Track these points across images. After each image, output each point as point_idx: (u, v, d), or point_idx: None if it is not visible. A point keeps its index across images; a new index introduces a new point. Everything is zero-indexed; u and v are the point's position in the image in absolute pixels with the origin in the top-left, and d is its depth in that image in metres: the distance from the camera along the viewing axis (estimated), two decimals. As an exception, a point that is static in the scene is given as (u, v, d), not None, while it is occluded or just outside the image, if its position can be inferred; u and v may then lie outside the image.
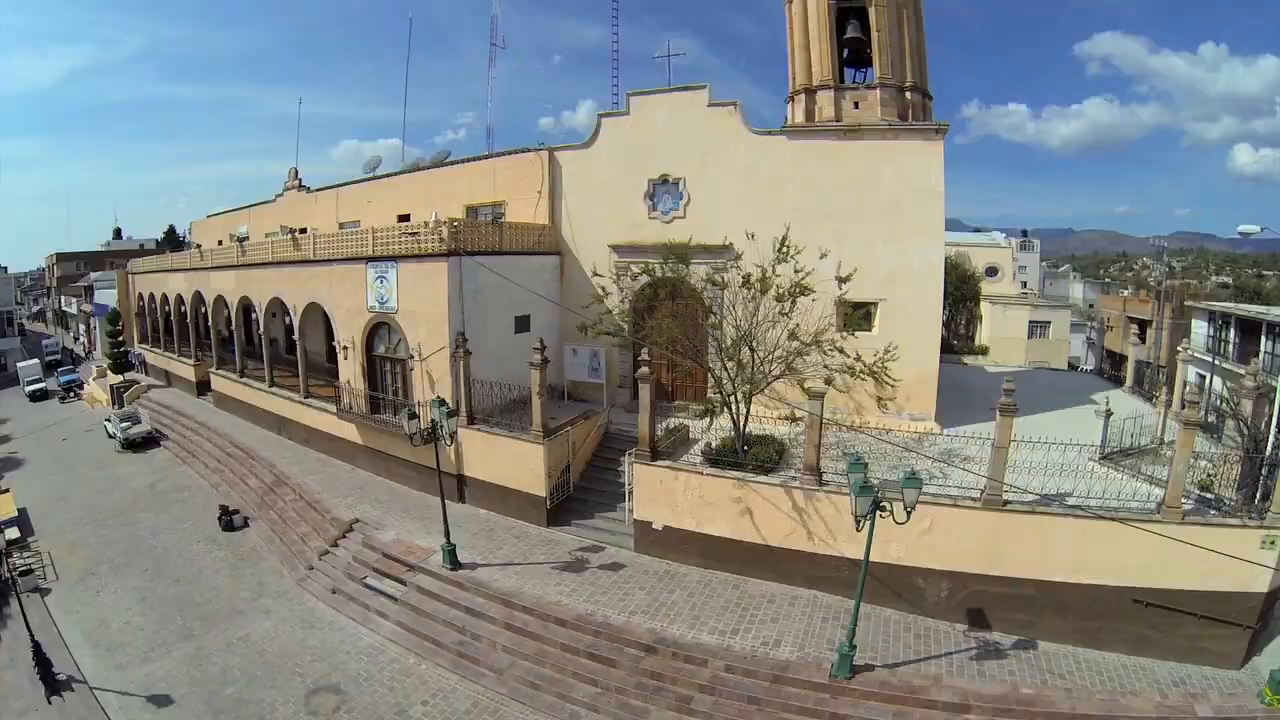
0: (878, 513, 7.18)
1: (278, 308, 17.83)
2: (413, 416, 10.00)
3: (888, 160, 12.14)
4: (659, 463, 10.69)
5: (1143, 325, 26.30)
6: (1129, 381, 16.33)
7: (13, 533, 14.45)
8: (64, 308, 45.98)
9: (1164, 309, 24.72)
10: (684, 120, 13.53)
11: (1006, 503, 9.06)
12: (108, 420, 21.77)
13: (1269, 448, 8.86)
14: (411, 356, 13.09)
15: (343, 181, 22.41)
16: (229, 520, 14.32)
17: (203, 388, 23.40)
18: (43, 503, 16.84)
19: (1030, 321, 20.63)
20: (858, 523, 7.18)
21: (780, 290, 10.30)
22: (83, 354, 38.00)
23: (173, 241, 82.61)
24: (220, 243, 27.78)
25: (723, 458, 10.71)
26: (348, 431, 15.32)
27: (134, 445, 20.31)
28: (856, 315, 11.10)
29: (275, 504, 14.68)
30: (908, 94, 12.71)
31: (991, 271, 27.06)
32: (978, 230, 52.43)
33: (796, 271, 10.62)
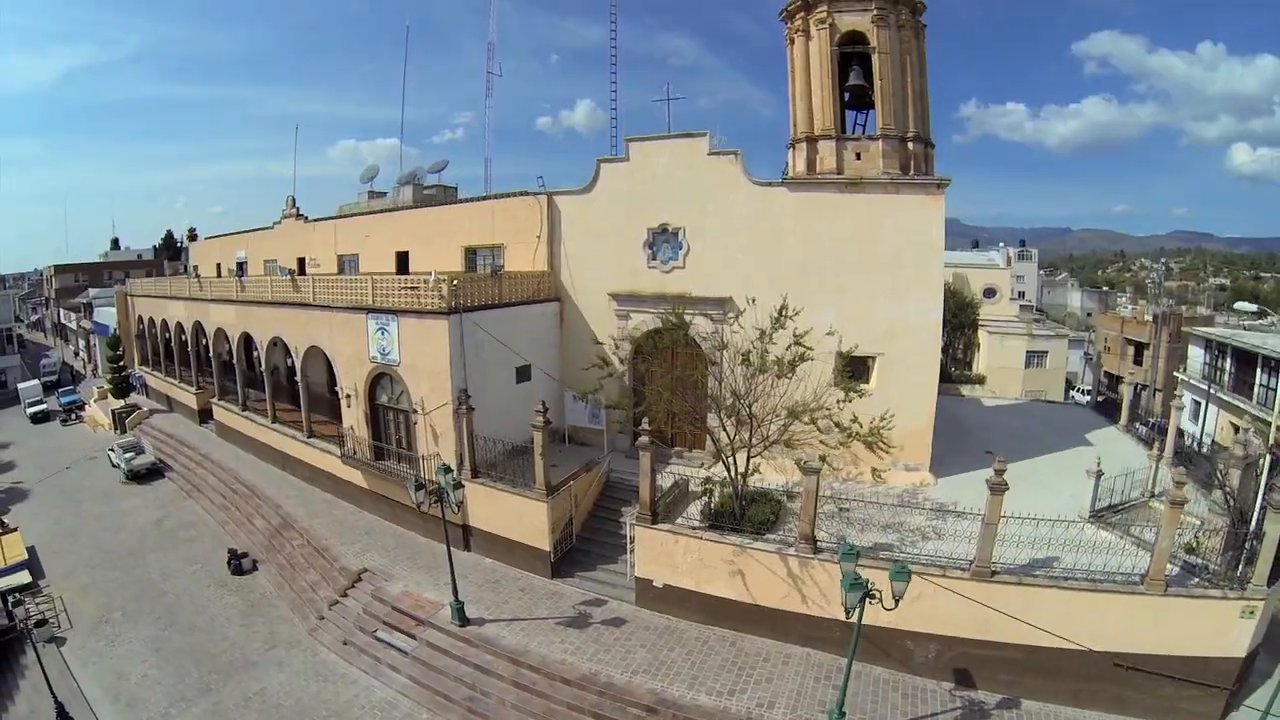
0: (867, 600, 7.52)
1: (279, 345, 18.03)
2: (419, 487, 10.31)
3: (889, 214, 12.33)
4: (659, 526, 11.05)
5: (1139, 348, 26.61)
6: (1124, 420, 16.60)
7: (23, 576, 14.80)
8: (63, 321, 46.03)
9: (1161, 332, 24.98)
10: (684, 168, 13.66)
11: (994, 573, 9.43)
12: (111, 450, 22.07)
13: (1253, 521, 9.16)
14: (415, 410, 13.36)
15: (340, 214, 22.53)
16: (238, 564, 14.70)
17: (204, 415, 23.73)
18: (50, 540, 17.21)
19: (1028, 351, 20.87)
20: (847, 612, 7.53)
21: (779, 361, 10.54)
22: (83, 371, 38.18)
23: (170, 249, 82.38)
24: (219, 267, 27.95)
25: (721, 518, 11.05)
26: (352, 475, 15.65)
27: (138, 476, 20.62)
28: (855, 381, 11.26)
29: (283, 548, 15.06)
30: (910, 144, 12.80)
31: (989, 293, 27.26)
32: (975, 246, 52.43)
33: (795, 335, 10.85)
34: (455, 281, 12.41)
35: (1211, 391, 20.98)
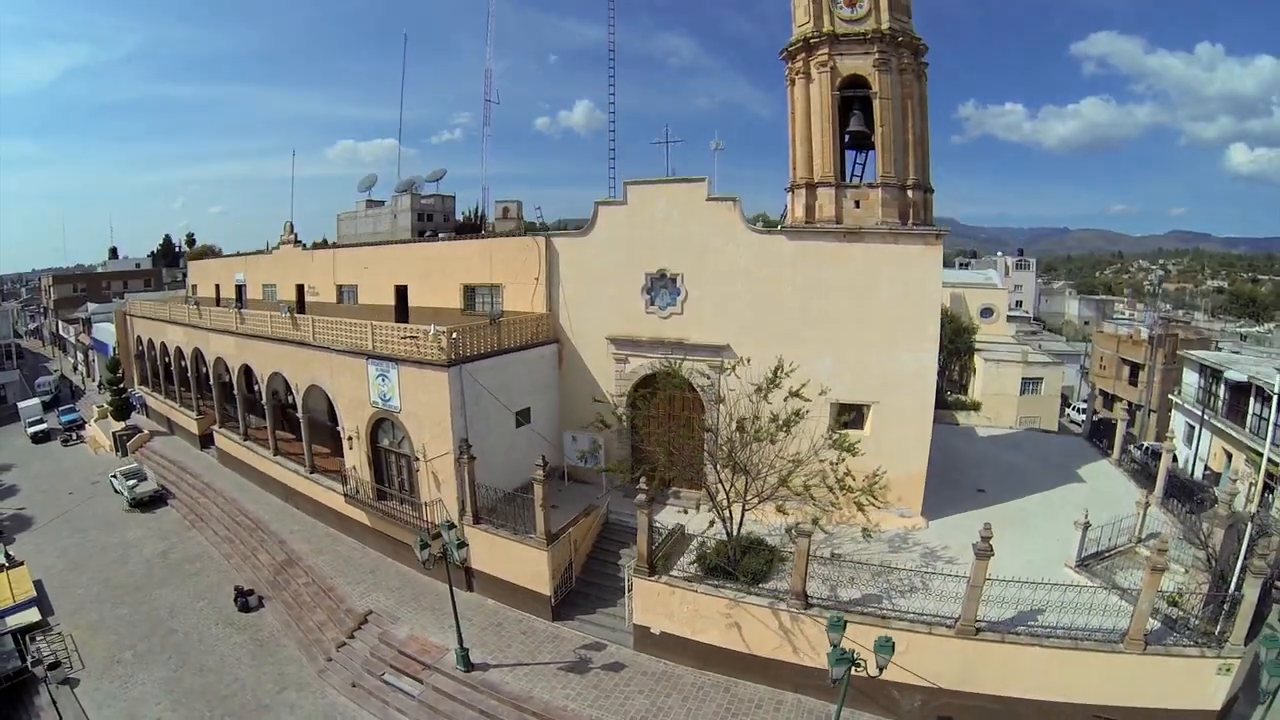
0: (852, 667, 7.88)
1: (279, 380, 18.27)
2: (424, 546, 10.65)
3: (887, 263, 12.58)
4: (656, 578, 11.40)
5: (1135, 368, 26.95)
6: (1115, 453, 16.96)
7: (32, 614, 15.07)
8: (62, 334, 46.12)
9: (1156, 354, 25.31)
10: (682, 213, 13.88)
11: (979, 631, 9.80)
12: (114, 476, 22.35)
13: (1232, 583, 9.50)
14: (417, 458, 13.67)
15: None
16: (244, 601, 15.05)
17: (205, 440, 23.99)
18: (57, 573, 17.54)
19: (1023, 378, 21.22)
20: (833, 682, 7.90)
21: (774, 419, 10.84)
22: (82, 386, 38.36)
23: (168, 255, 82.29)
24: (218, 288, 28.12)
25: (716, 570, 11.41)
26: (356, 512, 15.98)
27: (141, 504, 20.93)
28: (849, 435, 11.52)
29: (289, 585, 15.42)
30: (909, 191, 12.96)
31: (986, 312, 27.58)
32: (974, 257, 52.76)
33: (791, 391, 11.14)
34: (455, 335, 12.65)
35: (1205, 418, 21.32)
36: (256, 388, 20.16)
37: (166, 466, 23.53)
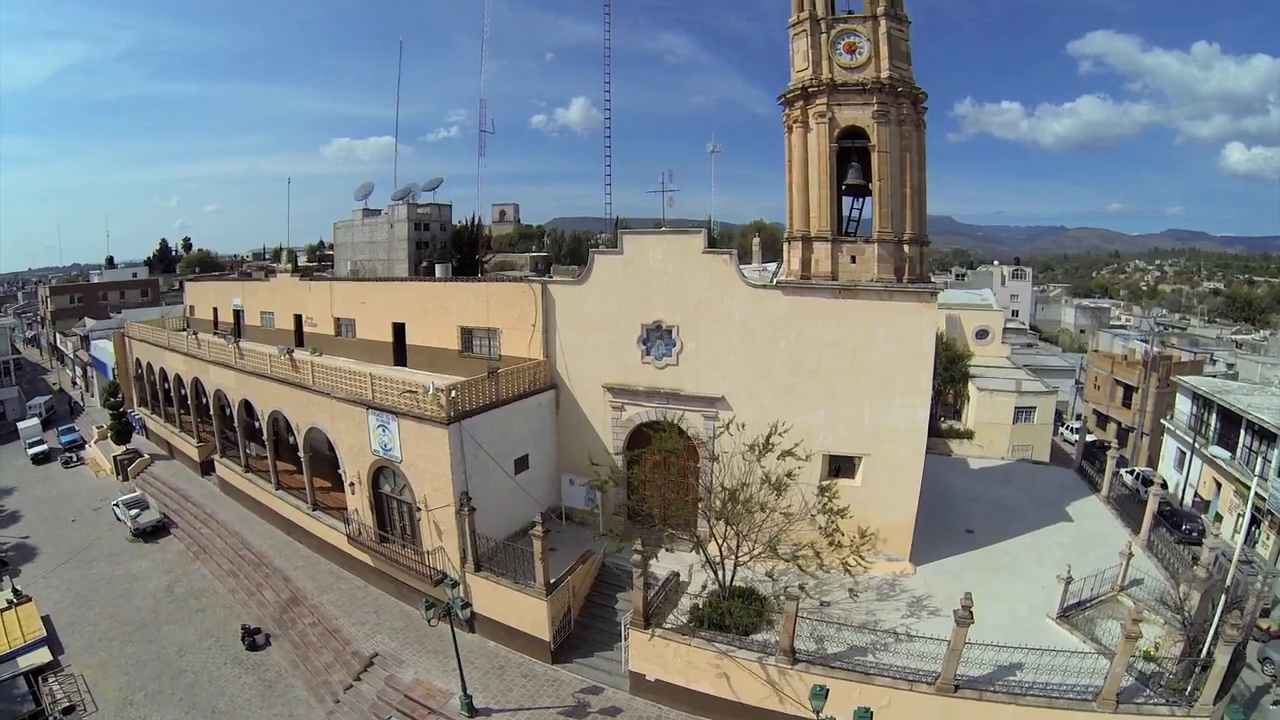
0: None
1: (280, 417, 18.50)
2: (430, 606, 11.05)
3: (881, 320, 12.86)
4: (650, 631, 11.82)
5: (1129, 390, 27.35)
6: (1105, 490, 17.36)
7: (44, 654, 15.40)
8: (60, 346, 46.16)
9: (1150, 378, 25.67)
10: (678, 264, 14.13)
11: (957, 688, 10.24)
12: (116, 505, 22.63)
13: (1205, 648, 9.89)
14: (419, 507, 14.00)
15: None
16: (252, 640, 15.43)
17: (206, 467, 24.27)
18: (64, 609, 17.89)
19: (1016, 407, 21.61)
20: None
21: (766, 479, 11.19)
22: (81, 402, 38.50)
23: (165, 261, 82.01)
24: (215, 312, 28.25)
25: (708, 621, 11.83)
26: (359, 551, 16.32)
27: (144, 534, 21.24)
28: (838, 504, 11.83)
29: (295, 624, 15.81)
30: (906, 247, 13.12)
31: (982, 334, 27.91)
32: (971, 270, 53.01)
33: (783, 452, 11.49)
34: (454, 392, 12.92)
35: (1196, 447, 21.71)
36: (257, 424, 20.39)
37: (168, 494, 23.83)
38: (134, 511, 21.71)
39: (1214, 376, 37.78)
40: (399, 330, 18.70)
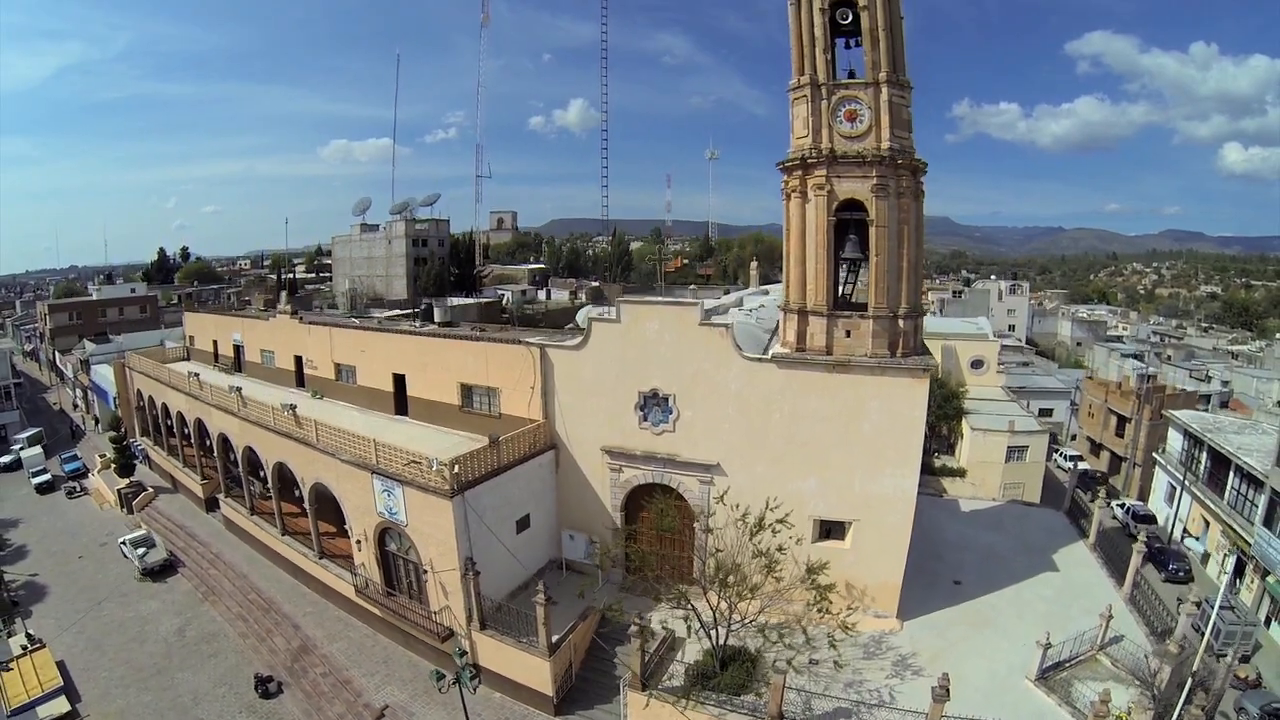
0: None
1: (285, 469, 18.72)
2: (440, 677, 11.45)
3: (874, 394, 13.12)
4: (647, 694, 12.26)
5: (1122, 420, 27.68)
6: (1092, 537, 17.71)
7: (62, 704, 15.67)
8: (60, 365, 46.23)
9: (1143, 409, 25.98)
10: (675, 335, 14.38)
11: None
12: (123, 543, 22.90)
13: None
14: (425, 570, 14.31)
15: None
16: (265, 689, 15.80)
17: (211, 503, 24.52)
18: (78, 653, 18.25)
19: (1009, 447, 21.97)
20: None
21: (758, 555, 11.51)
22: (82, 426, 38.68)
23: (163, 270, 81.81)
24: (215, 345, 28.36)
25: (702, 678, 12.30)
26: (367, 603, 16.64)
27: (152, 573, 21.54)
28: (824, 581, 12.17)
29: (306, 673, 16.20)
30: (900, 321, 13.21)
31: (977, 364, 28.19)
32: (968, 285, 53.28)
33: (776, 521, 11.81)
34: (456, 468, 13.19)
35: (1186, 483, 22.03)
36: (262, 472, 20.61)
37: (174, 531, 24.13)
38: (141, 550, 22.00)
39: (1209, 395, 38.40)
40: (399, 380, 18.90)
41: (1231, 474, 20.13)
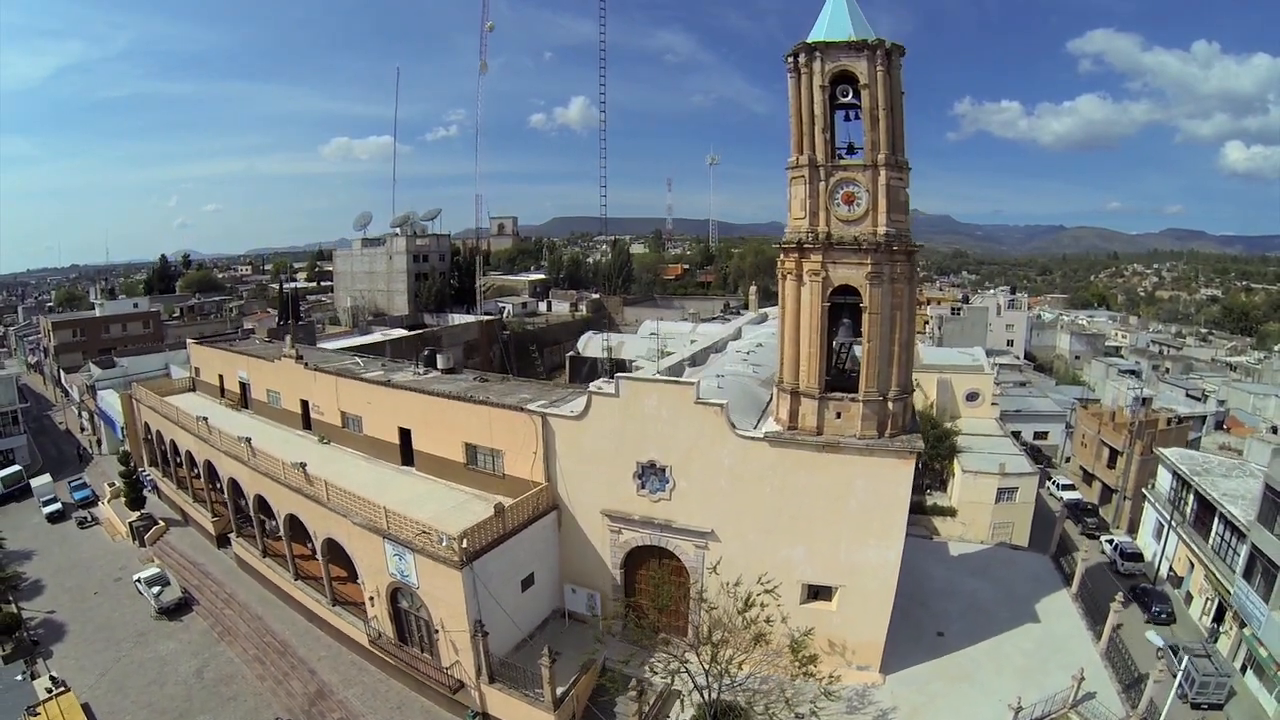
0: None
1: (297, 520, 19.35)
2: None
3: (861, 473, 13.81)
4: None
5: (1114, 452, 28.30)
6: (1074, 587, 18.40)
7: None
8: (65, 384, 46.82)
9: (1134, 444, 26.56)
10: (672, 411, 15.08)
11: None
12: (138, 581, 23.60)
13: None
14: (436, 629, 15.05)
15: (342, 370, 23.31)
16: (284, 737, 16.58)
17: (222, 539, 25.24)
18: (101, 696, 19.09)
19: (999, 489, 22.63)
20: None
21: (748, 625, 12.22)
22: (89, 450, 39.33)
23: (164, 279, 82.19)
24: (221, 379, 28.91)
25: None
26: (380, 652, 17.39)
27: (168, 611, 22.29)
28: (809, 652, 12.93)
29: (324, 717, 17.08)
30: (890, 403, 13.67)
31: (972, 396, 28.78)
32: (967, 302, 53.57)
33: (763, 592, 12.50)
34: (464, 543, 13.85)
35: (1173, 524, 22.62)
36: (273, 522, 21.25)
37: (187, 568, 24.89)
38: (156, 590, 22.75)
39: (1205, 416, 38.86)
40: (405, 434, 19.50)
41: (1216, 519, 20.64)
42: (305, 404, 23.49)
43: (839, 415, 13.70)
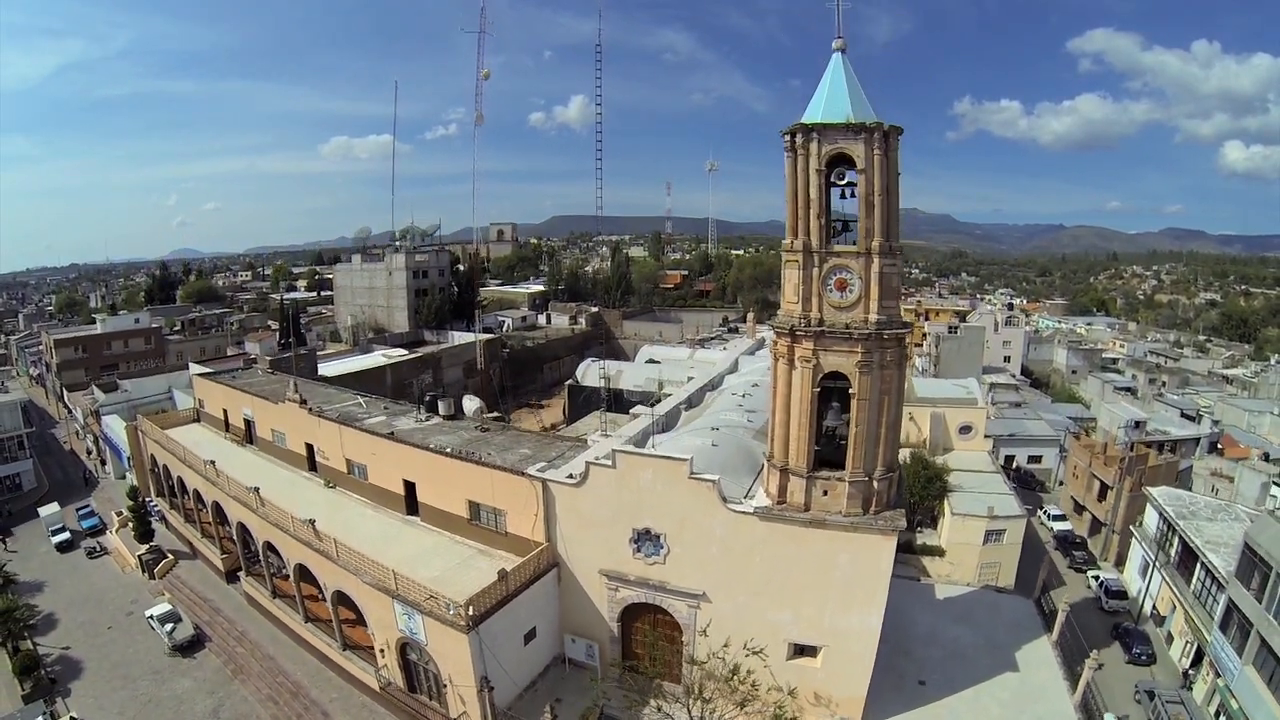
0: None
1: (306, 570, 20.07)
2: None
3: (845, 547, 14.62)
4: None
5: (1105, 486, 29.00)
6: (1055, 635, 19.15)
7: None
8: (68, 404, 47.47)
9: (1124, 480, 27.22)
10: (666, 484, 15.89)
11: None
12: (150, 618, 24.37)
13: None
14: (445, 683, 15.87)
15: (346, 418, 23.83)
16: (297, 779, 17.51)
17: (231, 575, 26.02)
18: (122, 739, 19.89)
19: (987, 530, 23.36)
20: None
21: (737, 686, 12.98)
22: (95, 474, 40.06)
23: (165, 289, 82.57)
24: (226, 414, 29.52)
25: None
26: (390, 696, 18.24)
27: (181, 648, 23.12)
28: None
29: None
30: (875, 482, 14.23)
31: (965, 430, 29.41)
32: (968, 314, 54.13)
33: (749, 653, 13.27)
34: (470, 610, 14.59)
35: (1158, 564, 23.32)
36: (284, 570, 21.91)
37: (198, 603, 25.75)
38: (169, 627, 23.60)
39: (1199, 438, 39.45)
40: (410, 487, 20.19)
41: (1199, 565, 21.23)
42: (310, 447, 24.13)
43: (825, 493, 14.39)
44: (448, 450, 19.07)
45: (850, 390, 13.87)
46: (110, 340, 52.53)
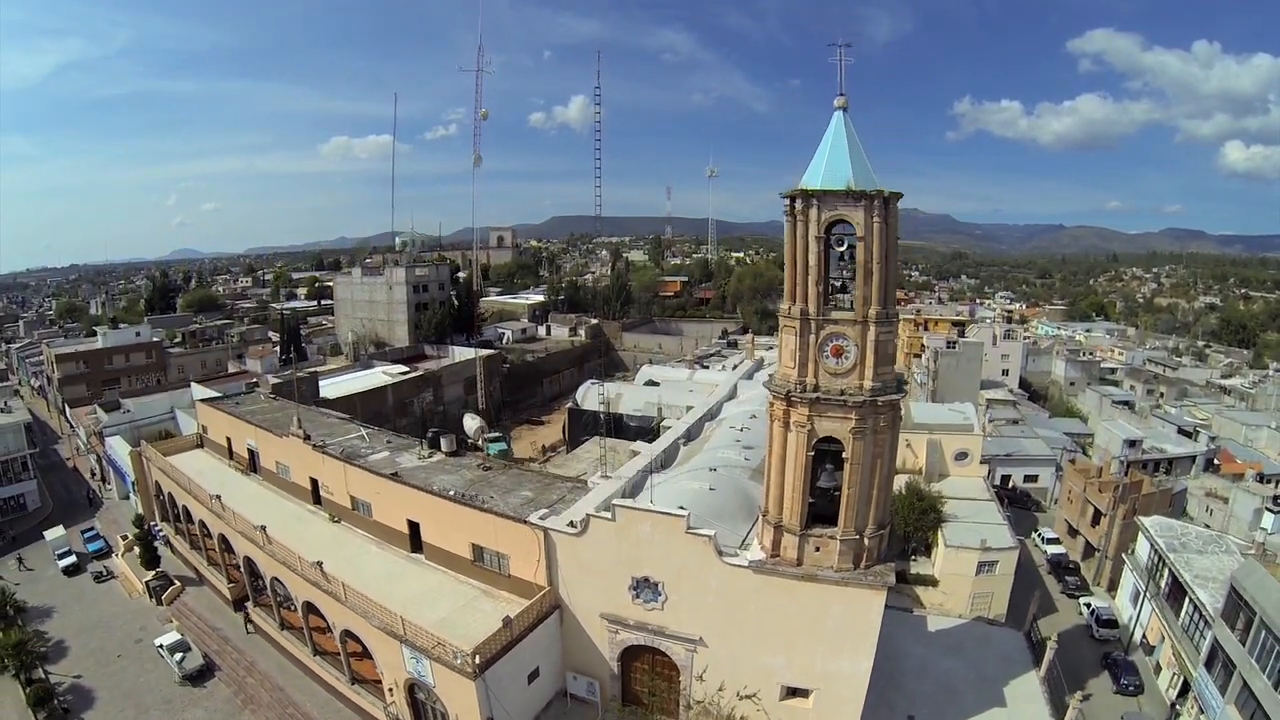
0: None
1: (314, 608, 20.67)
2: None
3: (836, 600, 15.31)
4: None
5: (1098, 512, 29.59)
6: (1043, 670, 19.80)
7: None
8: (70, 418, 48.06)
9: (1118, 508, 27.81)
10: (664, 537, 16.56)
11: None
12: (159, 647, 24.98)
13: None
14: (451, 725, 16.57)
15: (350, 456, 24.29)
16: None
17: (239, 604, 26.64)
18: (140, 772, 20.57)
19: (980, 561, 23.97)
20: None
21: None
22: (99, 494, 40.64)
23: (164, 296, 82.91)
24: (229, 441, 30.06)
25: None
26: None
27: (191, 677, 23.76)
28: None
29: None
30: (866, 539, 14.77)
31: (961, 456, 29.97)
32: (970, 322, 54.68)
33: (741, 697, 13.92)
34: (478, 659, 15.22)
35: (1148, 595, 23.90)
36: (292, 605, 22.50)
37: (206, 632, 26.40)
38: (178, 656, 24.24)
39: (1194, 455, 39.95)
40: (414, 527, 20.80)
41: (1187, 598, 21.73)
42: (315, 483, 24.69)
43: (818, 549, 15.02)
44: (450, 494, 19.63)
45: (844, 454, 14.33)
46: (111, 355, 53.06)
